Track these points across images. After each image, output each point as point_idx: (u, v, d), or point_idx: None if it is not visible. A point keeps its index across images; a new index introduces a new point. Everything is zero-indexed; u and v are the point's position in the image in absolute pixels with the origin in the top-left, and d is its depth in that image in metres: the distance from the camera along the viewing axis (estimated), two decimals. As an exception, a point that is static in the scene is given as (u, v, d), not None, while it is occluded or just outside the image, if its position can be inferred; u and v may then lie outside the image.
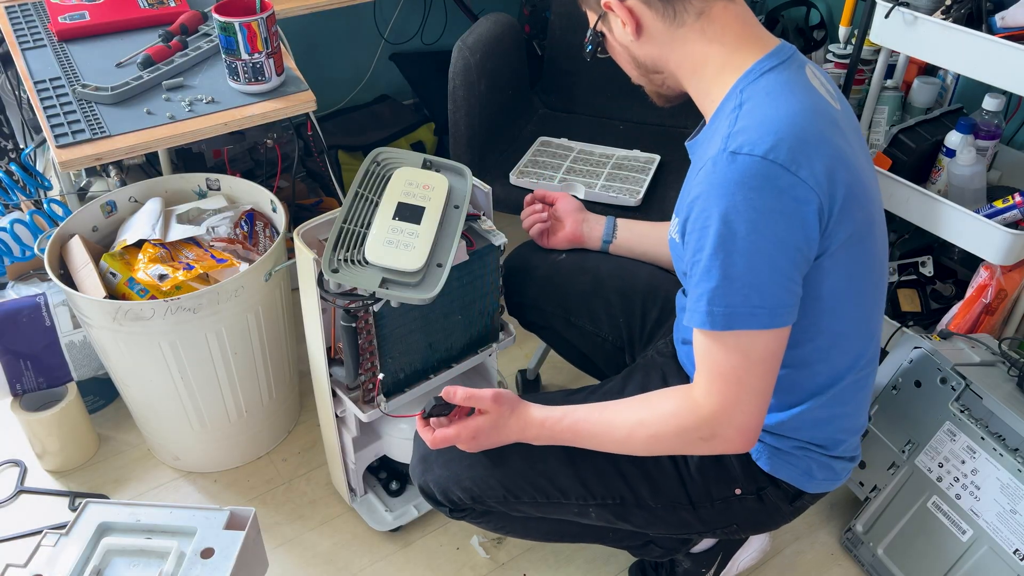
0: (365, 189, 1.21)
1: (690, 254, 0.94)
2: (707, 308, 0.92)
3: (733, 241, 0.89)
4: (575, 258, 1.38)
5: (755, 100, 0.93)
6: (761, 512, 1.13)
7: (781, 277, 0.90)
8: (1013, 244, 1.41)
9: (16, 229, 1.65)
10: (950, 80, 1.82)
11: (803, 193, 0.88)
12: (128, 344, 1.39)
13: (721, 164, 0.89)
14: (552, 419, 1.06)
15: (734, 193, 0.88)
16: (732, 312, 0.91)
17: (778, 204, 0.88)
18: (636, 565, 1.46)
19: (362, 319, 1.19)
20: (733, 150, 0.89)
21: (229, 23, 1.36)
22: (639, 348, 1.34)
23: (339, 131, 2.38)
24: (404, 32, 2.50)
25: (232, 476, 1.64)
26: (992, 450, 1.29)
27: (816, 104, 0.94)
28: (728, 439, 0.97)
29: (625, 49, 1.04)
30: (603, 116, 1.97)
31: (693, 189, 0.93)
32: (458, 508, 1.17)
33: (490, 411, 1.07)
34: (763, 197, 0.88)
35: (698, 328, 0.94)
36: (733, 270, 0.89)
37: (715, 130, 0.96)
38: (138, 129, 1.36)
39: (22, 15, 1.68)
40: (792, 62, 0.97)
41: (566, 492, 1.12)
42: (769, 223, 0.88)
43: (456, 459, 1.14)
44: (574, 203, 1.40)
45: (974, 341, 1.47)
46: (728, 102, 0.96)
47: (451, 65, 1.62)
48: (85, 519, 1.06)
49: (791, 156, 0.88)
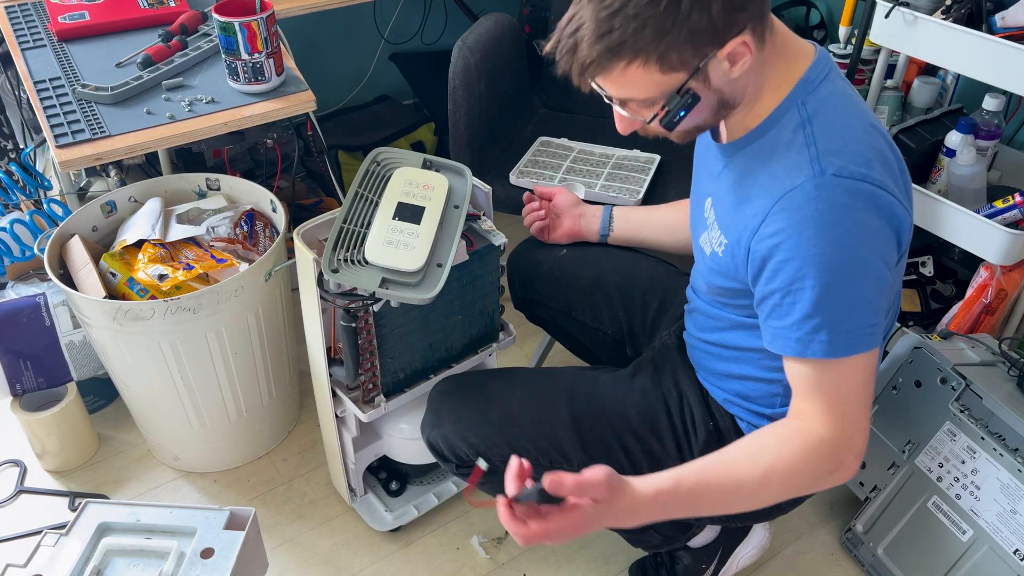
0: (365, 189, 1.21)
1: (784, 281, 0.90)
2: (828, 337, 0.89)
3: (850, 264, 0.88)
4: (576, 253, 1.40)
5: (824, 116, 0.92)
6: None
7: (887, 289, 0.92)
8: (1013, 244, 1.41)
9: (16, 229, 1.65)
10: (950, 80, 1.82)
11: (900, 211, 0.91)
12: (128, 344, 1.39)
13: (826, 188, 0.87)
14: (665, 491, 0.92)
15: (847, 216, 0.87)
16: (855, 336, 0.90)
17: (881, 223, 0.89)
18: (636, 565, 1.46)
19: (362, 319, 1.19)
20: (835, 172, 0.87)
21: (229, 23, 1.36)
22: (642, 340, 1.35)
23: (339, 131, 2.38)
24: (404, 32, 2.50)
25: (232, 476, 1.64)
26: (992, 450, 1.29)
27: (871, 112, 0.97)
28: (849, 466, 0.94)
29: (716, 95, 0.92)
30: (603, 116, 1.97)
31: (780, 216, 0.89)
32: (464, 464, 1.20)
33: (603, 499, 0.90)
34: (871, 217, 0.88)
35: (814, 358, 0.91)
36: (854, 293, 0.89)
37: (775, 143, 0.93)
38: (138, 129, 1.36)
39: (22, 15, 1.67)
40: (835, 68, 0.98)
41: (569, 458, 1.15)
42: (877, 242, 0.89)
43: (465, 417, 1.18)
44: (571, 198, 1.41)
45: (974, 341, 1.47)
46: (786, 115, 0.93)
47: (451, 65, 1.62)
48: (85, 519, 1.06)
49: (883, 175, 0.89)
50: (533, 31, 2.41)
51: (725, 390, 1.15)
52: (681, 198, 1.33)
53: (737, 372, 1.12)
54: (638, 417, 1.16)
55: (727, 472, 0.94)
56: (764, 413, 1.12)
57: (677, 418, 1.16)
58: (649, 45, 0.85)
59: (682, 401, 1.17)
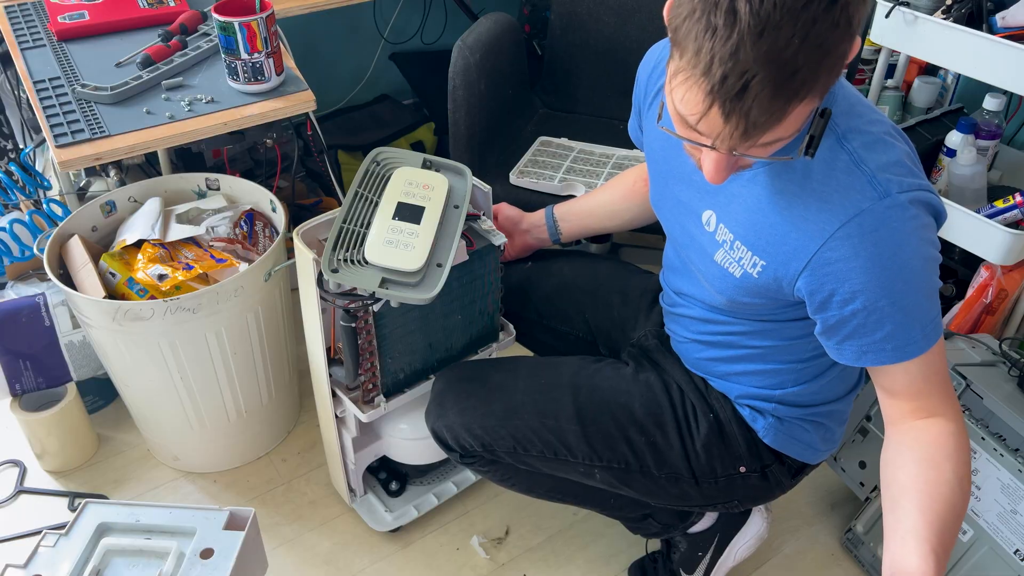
0: (365, 189, 1.21)
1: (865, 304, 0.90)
2: (922, 334, 0.91)
3: (921, 275, 0.90)
4: (541, 264, 1.42)
5: (855, 127, 0.91)
6: (763, 487, 1.17)
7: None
8: (1013, 244, 1.41)
9: (15, 229, 1.65)
10: (950, 80, 1.82)
11: (940, 205, 0.93)
12: (128, 344, 1.39)
13: (897, 208, 0.87)
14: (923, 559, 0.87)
15: (915, 232, 0.88)
16: (936, 323, 0.93)
17: (930, 220, 0.92)
18: (636, 564, 1.46)
19: (362, 319, 1.19)
20: (899, 190, 0.88)
21: (229, 23, 1.36)
22: (615, 336, 1.36)
23: (339, 131, 2.38)
24: (404, 32, 2.50)
25: (232, 476, 1.64)
26: (992, 450, 1.28)
27: (877, 109, 0.97)
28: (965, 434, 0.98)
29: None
30: (603, 116, 1.97)
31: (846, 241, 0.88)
32: (468, 454, 1.20)
33: None
34: (929, 220, 0.91)
35: (914, 359, 0.93)
36: (929, 289, 0.92)
37: (815, 162, 0.90)
38: (137, 129, 1.35)
39: (21, 15, 1.67)
40: None
41: (573, 451, 1.15)
42: (934, 240, 0.92)
43: (470, 408, 1.18)
44: (513, 214, 1.40)
45: (974, 341, 1.47)
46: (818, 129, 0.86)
47: (451, 65, 1.62)
48: (85, 519, 1.06)
49: (923, 175, 0.91)
50: (533, 31, 2.41)
51: (731, 381, 1.16)
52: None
53: (743, 369, 1.13)
54: (643, 409, 1.16)
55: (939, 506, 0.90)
56: (772, 396, 1.13)
57: (680, 410, 1.17)
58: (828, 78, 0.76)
59: (682, 394, 1.18)
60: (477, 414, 1.17)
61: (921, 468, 0.92)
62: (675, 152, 1.06)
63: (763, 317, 1.06)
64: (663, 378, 1.20)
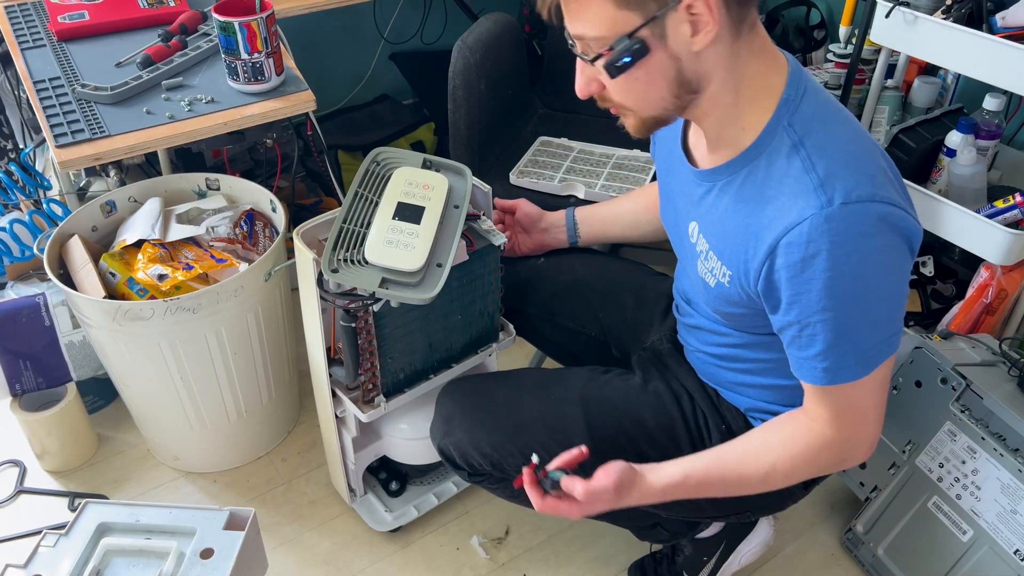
0: (365, 189, 1.21)
1: (802, 313, 0.89)
2: (854, 360, 0.90)
3: (871, 290, 0.87)
4: (552, 260, 1.40)
5: (814, 135, 0.89)
6: (774, 496, 1.14)
7: (903, 300, 0.92)
8: (1013, 244, 1.41)
9: (16, 229, 1.65)
10: (950, 80, 1.82)
11: (909, 222, 0.88)
12: (128, 344, 1.39)
13: (838, 220, 0.84)
14: (674, 484, 1.01)
15: (861, 246, 0.85)
16: (876, 353, 0.91)
17: (896, 239, 0.87)
18: (636, 565, 1.46)
19: (362, 319, 1.19)
20: (843, 200, 0.84)
21: (229, 23, 1.36)
22: (626, 339, 1.35)
23: (339, 131, 2.38)
24: (404, 32, 2.50)
25: (232, 476, 1.64)
26: (992, 450, 1.28)
27: (852, 116, 0.95)
28: (857, 459, 1.01)
29: (674, 63, 0.86)
30: (603, 116, 1.96)
31: (790, 248, 0.86)
32: (476, 472, 1.19)
33: (611, 500, 1.00)
34: (885, 237, 0.86)
35: (845, 384, 0.93)
36: (875, 314, 0.89)
37: (770, 168, 0.90)
38: (138, 129, 1.35)
39: (22, 15, 1.67)
40: (810, 79, 0.94)
41: (584, 465, 1.11)
42: (894, 259, 0.88)
43: (478, 424, 1.16)
44: (533, 212, 1.39)
45: (974, 341, 1.47)
46: (776, 138, 0.90)
47: (451, 65, 1.62)
48: (85, 519, 1.06)
49: (887, 188, 0.87)
50: (533, 31, 2.41)
51: (741, 395, 1.14)
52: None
53: (751, 382, 1.12)
54: (654, 421, 1.15)
55: (733, 468, 1.02)
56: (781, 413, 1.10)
57: (692, 421, 1.16)
58: None
59: (693, 404, 1.17)
60: (485, 431, 1.15)
61: (755, 442, 1.02)
62: (677, 164, 1.07)
63: (755, 329, 1.05)
64: (672, 387, 1.18)
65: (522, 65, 1.91)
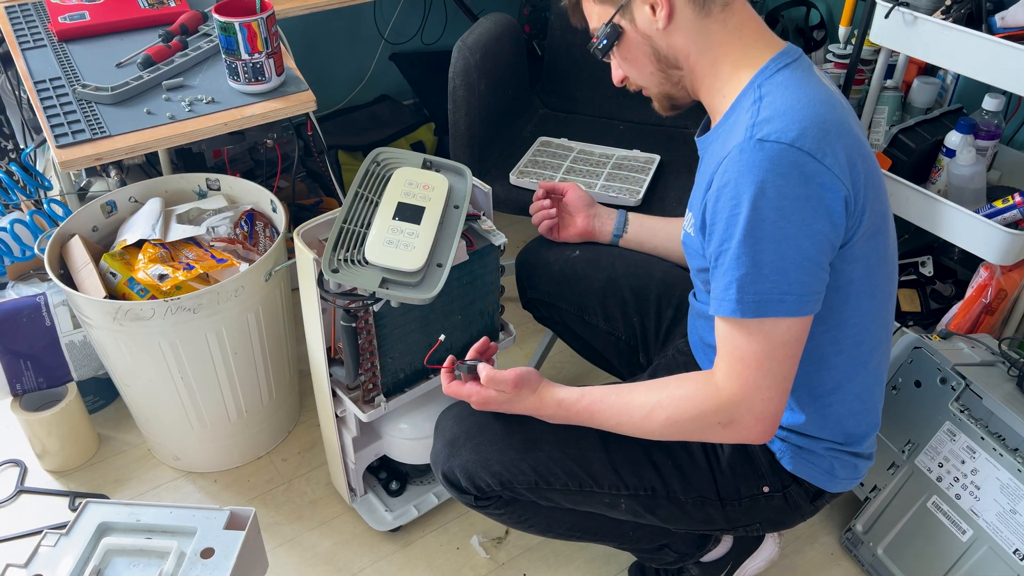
0: (365, 189, 1.21)
1: (716, 244, 0.93)
2: (737, 296, 0.91)
3: (762, 228, 0.89)
4: (588, 254, 1.38)
5: (775, 93, 0.94)
6: (784, 510, 1.14)
7: (809, 263, 0.91)
8: (1013, 244, 1.41)
9: (16, 229, 1.65)
10: (950, 80, 1.82)
11: (829, 180, 0.89)
12: (128, 344, 1.39)
13: (748, 151, 0.89)
14: (569, 400, 1.08)
15: (763, 180, 0.88)
16: (761, 300, 0.91)
17: (805, 191, 0.89)
18: (636, 565, 1.45)
19: (362, 319, 1.19)
20: (760, 137, 0.89)
21: (229, 23, 1.36)
22: (654, 347, 1.34)
23: (339, 131, 2.38)
24: (404, 32, 2.50)
25: (232, 476, 1.64)
26: (992, 450, 1.29)
27: (833, 95, 0.97)
28: (747, 426, 0.97)
29: (647, 41, 1.00)
30: (603, 116, 1.97)
31: (715, 180, 0.93)
32: (484, 496, 1.15)
33: (509, 392, 1.09)
34: (791, 184, 0.88)
35: (726, 317, 0.94)
36: (762, 256, 0.90)
37: (734, 123, 0.96)
38: (138, 129, 1.36)
39: (22, 15, 1.68)
40: (803, 60, 0.99)
41: (599, 480, 1.11)
42: (797, 209, 0.89)
43: (486, 443, 1.12)
44: (585, 197, 1.40)
45: (974, 341, 1.47)
46: (746, 97, 0.96)
47: (451, 65, 1.62)
48: (85, 519, 1.06)
49: (817, 144, 0.89)
50: (533, 31, 2.42)
51: None
52: (681, 198, 1.34)
53: None
54: None
55: (624, 397, 1.05)
56: (783, 424, 1.10)
57: None
58: None
59: None
60: (494, 449, 1.11)
61: (653, 383, 1.05)
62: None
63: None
64: None
65: (522, 65, 1.91)
